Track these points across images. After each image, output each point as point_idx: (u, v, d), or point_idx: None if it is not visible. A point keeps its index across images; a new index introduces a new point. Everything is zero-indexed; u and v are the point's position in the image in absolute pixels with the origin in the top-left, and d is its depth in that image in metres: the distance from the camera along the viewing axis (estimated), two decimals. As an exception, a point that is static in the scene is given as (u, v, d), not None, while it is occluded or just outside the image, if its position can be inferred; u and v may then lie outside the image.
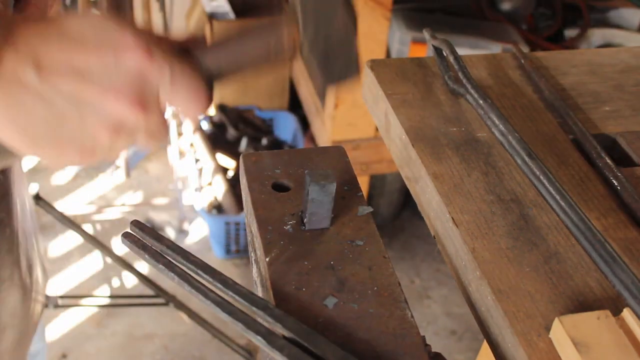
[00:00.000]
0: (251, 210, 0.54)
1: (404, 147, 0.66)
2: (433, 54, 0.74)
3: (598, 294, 0.51)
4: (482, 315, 0.52)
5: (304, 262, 0.49)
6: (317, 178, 0.48)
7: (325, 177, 0.48)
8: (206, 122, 2.29)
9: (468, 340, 1.94)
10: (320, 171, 0.48)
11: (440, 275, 2.13)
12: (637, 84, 0.76)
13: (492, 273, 0.51)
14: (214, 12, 2.15)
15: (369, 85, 0.74)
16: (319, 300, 0.47)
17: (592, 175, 0.62)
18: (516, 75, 0.75)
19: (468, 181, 0.60)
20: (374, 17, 1.57)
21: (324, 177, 0.48)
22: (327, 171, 0.49)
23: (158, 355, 1.83)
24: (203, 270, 0.48)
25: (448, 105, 0.69)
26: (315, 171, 0.49)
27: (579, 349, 0.44)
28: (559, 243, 0.54)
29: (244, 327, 0.44)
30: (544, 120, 0.68)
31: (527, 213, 0.57)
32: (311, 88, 2.01)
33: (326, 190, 0.49)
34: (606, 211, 0.58)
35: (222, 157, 2.17)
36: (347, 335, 0.45)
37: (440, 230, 0.59)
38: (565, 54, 0.80)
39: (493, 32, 1.81)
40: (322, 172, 0.48)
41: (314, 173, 0.48)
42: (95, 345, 1.85)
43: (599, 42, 1.90)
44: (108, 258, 2.00)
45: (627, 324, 0.46)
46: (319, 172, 0.48)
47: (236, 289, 0.46)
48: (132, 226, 0.50)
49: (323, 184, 0.48)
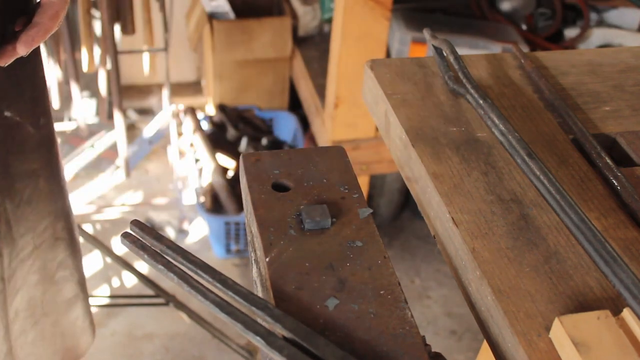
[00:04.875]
0: (251, 210, 0.54)
1: (404, 147, 0.65)
2: (433, 54, 0.74)
3: (598, 294, 0.51)
4: (482, 315, 0.52)
5: (304, 262, 0.49)
6: (313, 214, 0.52)
7: (321, 214, 0.52)
8: (206, 122, 2.29)
9: (468, 340, 1.94)
10: (316, 207, 0.52)
11: (440, 275, 2.13)
12: (637, 84, 0.76)
13: (492, 273, 0.51)
14: (214, 12, 2.15)
15: (369, 85, 0.74)
16: (319, 301, 0.47)
17: (592, 175, 0.62)
18: (516, 75, 0.75)
19: (468, 181, 0.60)
20: (374, 17, 1.57)
21: (320, 214, 0.52)
22: (324, 207, 0.52)
23: (158, 355, 1.83)
24: (203, 270, 0.48)
25: (448, 105, 0.69)
26: (310, 206, 0.52)
27: (579, 349, 0.44)
28: (559, 243, 0.54)
29: (243, 327, 0.44)
30: (544, 120, 0.68)
31: (527, 213, 0.57)
32: (311, 88, 2.01)
33: (321, 225, 0.52)
34: (606, 211, 0.58)
35: (222, 157, 2.17)
36: (347, 336, 0.45)
37: (440, 230, 0.59)
38: (565, 54, 0.80)
39: (493, 32, 1.81)
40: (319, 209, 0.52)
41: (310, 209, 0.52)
42: (95, 345, 1.85)
43: (599, 42, 1.90)
44: (108, 258, 2.00)
45: (627, 324, 0.46)
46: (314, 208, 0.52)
47: (236, 289, 0.46)
48: (132, 226, 0.50)
49: (318, 220, 0.52)
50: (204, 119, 2.29)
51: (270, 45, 2.19)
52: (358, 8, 1.55)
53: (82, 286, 0.92)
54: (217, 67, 2.23)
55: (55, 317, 0.88)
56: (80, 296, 0.92)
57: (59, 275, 0.86)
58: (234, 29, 2.14)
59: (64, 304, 0.89)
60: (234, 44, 2.17)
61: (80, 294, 0.92)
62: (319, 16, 2.18)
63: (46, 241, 0.82)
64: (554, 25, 1.94)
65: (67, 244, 0.86)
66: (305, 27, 2.19)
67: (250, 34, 2.16)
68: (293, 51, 2.22)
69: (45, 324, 0.87)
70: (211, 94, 2.33)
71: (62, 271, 0.86)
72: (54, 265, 0.85)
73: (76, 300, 0.91)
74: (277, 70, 2.29)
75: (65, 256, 0.86)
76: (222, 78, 2.27)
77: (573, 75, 0.76)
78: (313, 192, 0.55)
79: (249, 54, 2.20)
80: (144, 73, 2.14)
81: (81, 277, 0.92)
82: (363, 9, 1.56)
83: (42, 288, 0.84)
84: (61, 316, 0.89)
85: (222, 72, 2.25)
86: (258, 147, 2.21)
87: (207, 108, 2.44)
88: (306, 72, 2.07)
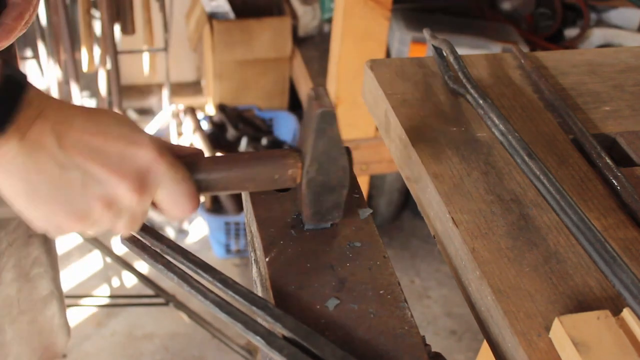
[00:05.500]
0: (251, 210, 0.54)
1: (404, 147, 0.65)
2: (433, 54, 0.74)
3: (598, 294, 0.51)
4: (482, 315, 0.52)
5: (304, 262, 0.49)
6: None
7: None
8: (206, 122, 2.28)
9: (468, 340, 1.94)
10: None
11: (440, 275, 2.12)
12: (637, 84, 0.76)
13: (492, 273, 0.51)
14: (214, 12, 2.15)
15: (369, 85, 0.74)
16: (319, 300, 0.47)
17: (592, 175, 0.62)
18: (516, 75, 0.75)
19: (468, 181, 0.60)
20: (374, 17, 1.57)
21: None
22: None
23: (158, 355, 1.83)
24: (203, 270, 0.48)
25: (448, 105, 0.69)
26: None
27: (579, 348, 0.44)
28: (559, 243, 0.54)
29: (243, 327, 0.44)
30: (544, 120, 0.68)
31: (527, 213, 0.57)
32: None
33: (321, 225, 0.51)
34: (606, 211, 0.58)
35: (222, 157, 2.16)
36: (346, 335, 0.45)
37: (440, 230, 0.59)
38: (565, 54, 0.80)
39: (493, 32, 1.81)
40: None
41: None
42: (95, 345, 1.85)
43: (599, 42, 1.90)
44: (108, 258, 2.00)
45: (627, 324, 0.46)
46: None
47: (236, 288, 0.46)
48: (133, 226, 0.50)
49: None
50: (204, 119, 2.29)
51: (270, 45, 2.19)
52: (358, 8, 1.55)
53: (56, 283, 0.93)
54: (217, 67, 2.23)
55: (32, 315, 0.88)
56: (55, 294, 0.92)
57: (33, 273, 0.86)
58: (234, 29, 2.14)
59: (40, 301, 0.89)
60: (233, 44, 2.17)
61: (55, 291, 0.92)
62: (319, 16, 2.18)
63: (19, 238, 0.82)
64: (554, 25, 1.94)
65: (41, 241, 0.86)
66: (305, 27, 2.19)
67: (250, 33, 2.15)
68: (293, 51, 2.22)
69: (22, 322, 0.87)
70: (211, 94, 2.33)
71: (36, 268, 0.87)
72: (29, 262, 0.85)
73: (51, 297, 0.91)
74: (277, 70, 2.29)
75: (39, 253, 0.87)
76: (222, 78, 2.27)
77: (573, 75, 0.76)
78: (313, 192, 0.55)
79: (248, 54, 2.20)
80: (144, 73, 2.14)
81: (56, 274, 0.92)
82: (363, 9, 1.56)
83: (18, 285, 0.84)
84: (38, 314, 0.90)
85: (222, 72, 2.25)
86: (258, 147, 2.21)
87: (207, 108, 2.43)
88: (306, 72, 2.07)
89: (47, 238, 0.88)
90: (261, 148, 2.22)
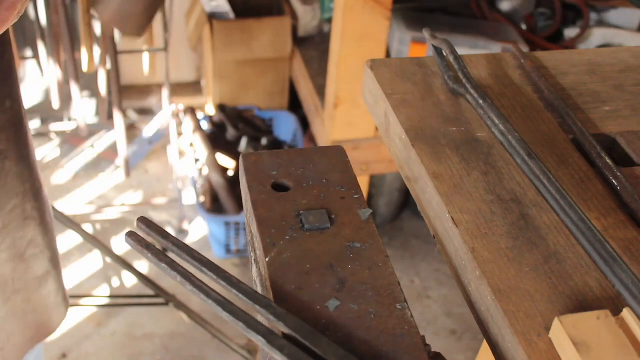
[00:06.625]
0: (251, 210, 0.54)
1: (404, 147, 0.66)
2: (433, 54, 0.74)
3: (598, 293, 0.51)
4: (482, 315, 0.52)
5: (304, 262, 0.49)
6: (312, 221, 0.52)
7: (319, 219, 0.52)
8: (206, 122, 2.29)
9: (468, 340, 1.94)
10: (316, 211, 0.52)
11: (440, 275, 2.13)
12: (637, 83, 0.76)
13: (492, 273, 0.51)
14: (214, 12, 2.15)
15: (369, 85, 0.74)
16: (319, 301, 0.47)
17: (592, 175, 0.62)
18: (516, 75, 0.75)
19: (468, 181, 0.60)
20: (374, 17, 1.57)
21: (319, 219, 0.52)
22: (322, 212, 0.52)
23: (158, 355, 1.83)
24: (207, 268, 0.48)
25: (448, 105, 0.69)
26: (310, 211, 0.52)
27: (579, 349, 0.44)
28: (559, 243, 0.54)
29: (245, 326, 0.44)
30: (544, 120, 0.68)
31: (527, 213, 0.57)
32: (311, 88, 2.01)
33: (321, 225, 0.52)
34: (606, 211, 0.58)
35: (222, 157, 2.17)
36: (346, 335, 0.45)
37: (440, 230, 0.59)
38: (565, 54, 0.80)
39: (493, 32, 1.81)
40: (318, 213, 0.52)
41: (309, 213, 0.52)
42: (95, 345, 1.85)
43: (599, 42, 1.90)
44: (108, 258, 2.00)
45: (627, 324, 0.46)
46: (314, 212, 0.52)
47: (239, 287, 0.46)
48: (139, 223, 0.50)
49: (317, 226, 0.52)
50: (203, 119, 2.29)
51: (270, 45, 2.19)
52: (358, 8, 1.56)
53: (54, 263, 0.93)
54: (217, 67, 2.23)
55: (26, 294, 0.89)
56: (52, 273, 0.92)
57: (29, 253, 0.87)
58: (234, 29, 2.15)
59: (35, 281, 0.90)
60: (233, 44, 2.17)
61: (52, 270, 0.92)
62: (319, 16, 2.18)
63: (14, 220, 0.83)
64: (554, 25, 1.94)
65: (37, 223, 0.87)
66: (305, 27, 2.20)
67: (250, 33, 2.16)
68: (293, 51, 2.22)
69: (17, 301, 0.88)
70: (211, 94, 2.33)
71: (32, 249, 0.87)
72: (24, 243, 0.85)
73: (47, 277, 0.92)
74: (277, 70, 2.29)
75: (35, 235, 0.87)
76: (222, 78, 2.27)
77: (573, 75, 0.76)
78: (313, 192, 0.55)
79: (248, 53, 2.20)
80: (144, 73, 2.14)
81: (53, 254, 0.93)
82: (363, 9, 1.56)
83: (12, 265, 0.85)
84: (32, 293, 0.90)
85: (222, 72, 2.25)
86: (258, 147, 2.21)
87: (207, 108, 2.44)
88: (306, 72, 2.07)
89: (44, 220, 0.89)
90: (261, 148, 2.22)
